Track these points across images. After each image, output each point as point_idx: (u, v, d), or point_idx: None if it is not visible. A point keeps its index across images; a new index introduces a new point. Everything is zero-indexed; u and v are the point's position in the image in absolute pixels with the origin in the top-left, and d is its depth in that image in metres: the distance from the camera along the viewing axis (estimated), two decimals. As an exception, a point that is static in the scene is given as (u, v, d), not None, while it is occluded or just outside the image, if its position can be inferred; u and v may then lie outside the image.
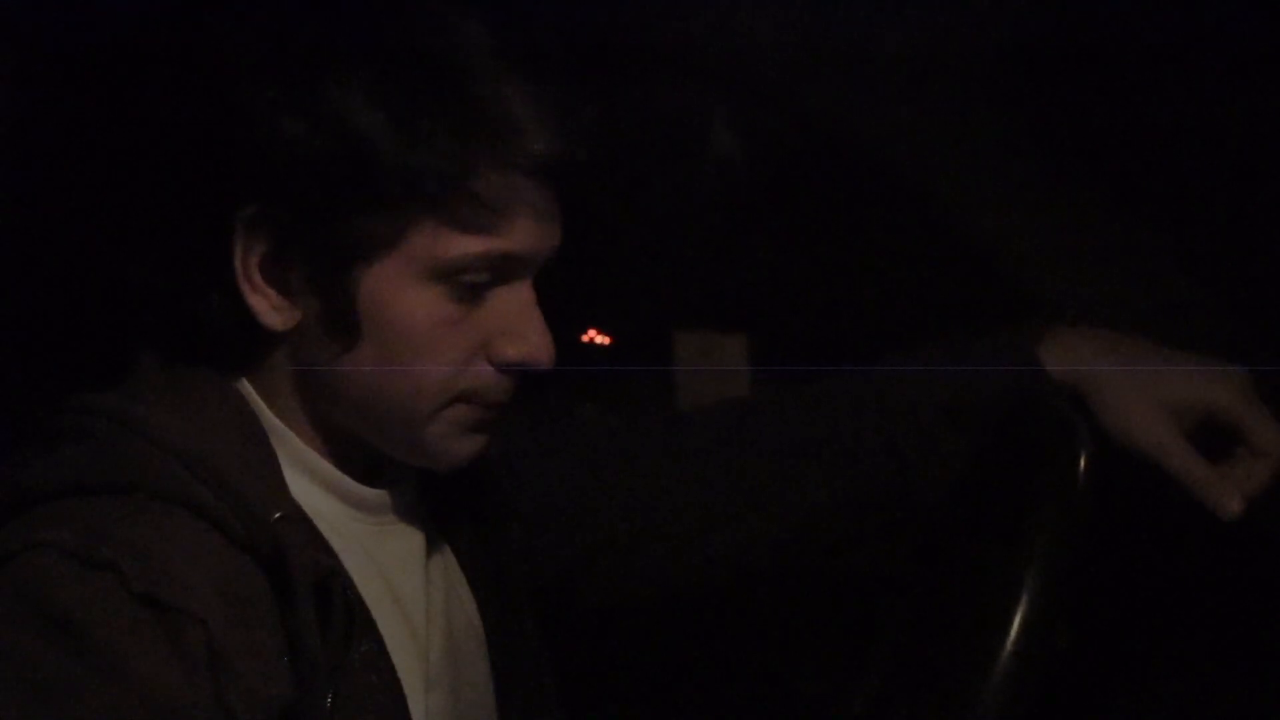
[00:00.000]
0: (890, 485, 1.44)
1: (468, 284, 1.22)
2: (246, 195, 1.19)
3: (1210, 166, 1.78)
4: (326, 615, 1.18)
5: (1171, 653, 1.65)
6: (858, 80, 1.78)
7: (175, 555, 1.15)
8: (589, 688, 1.53)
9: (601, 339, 2.11)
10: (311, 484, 1.26)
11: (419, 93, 1.18)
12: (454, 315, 1.23)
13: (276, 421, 1.26)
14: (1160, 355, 1.37)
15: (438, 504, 1.36)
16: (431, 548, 1.34)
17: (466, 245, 1.20)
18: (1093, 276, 1.86)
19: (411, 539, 1.32)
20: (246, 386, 1.26)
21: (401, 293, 1.21)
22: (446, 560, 1.36)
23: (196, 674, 1.12)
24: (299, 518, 1.22)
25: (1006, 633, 1.36)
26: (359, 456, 1.28)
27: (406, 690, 1.26)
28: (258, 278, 1.21)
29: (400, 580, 1.29)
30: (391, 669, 1.25)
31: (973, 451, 1.42)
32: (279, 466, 1.24)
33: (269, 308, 1.22)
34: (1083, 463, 1.36)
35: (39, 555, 1.12)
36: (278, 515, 1.19)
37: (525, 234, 1.22)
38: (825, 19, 1.79)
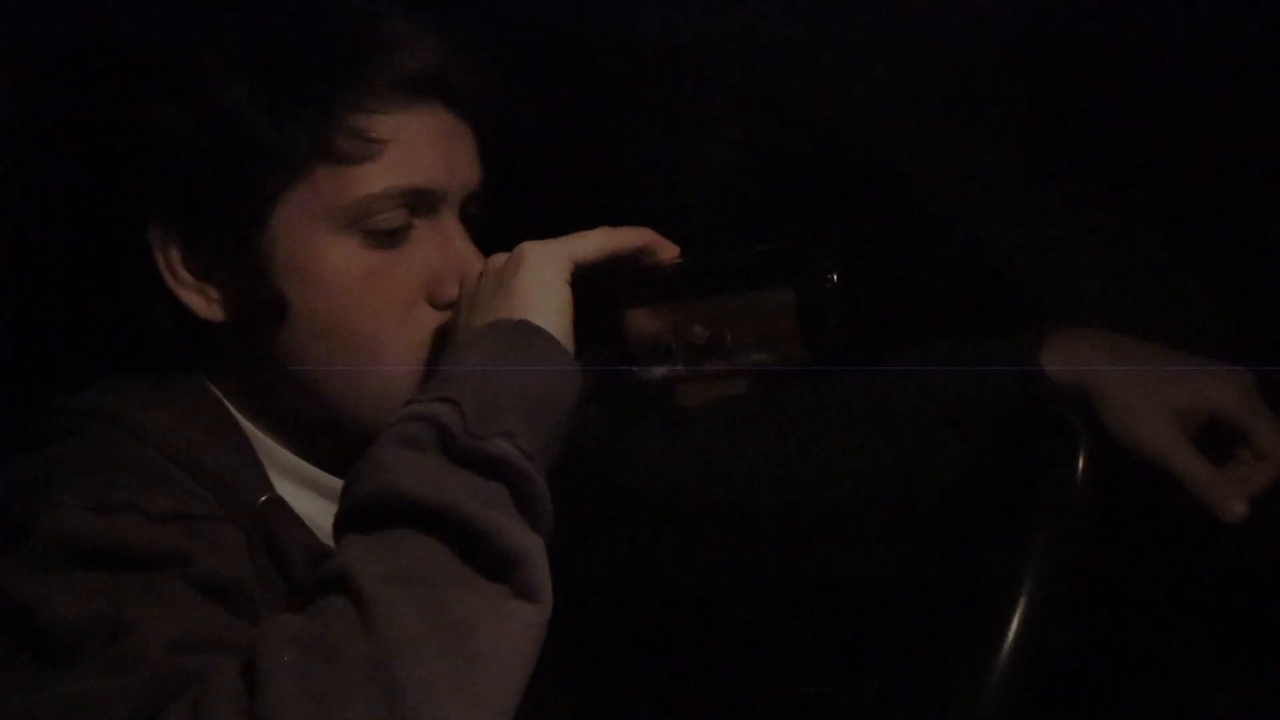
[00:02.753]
0: (891, 483, 1.44)
1: (384, 229, 1.21)
2: (147, 195, 1.20)
3: (1211, 166, 1.78)
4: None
5: (1171, 653, 1.65)
6: (855, 79, 1.78)
7: (180, 501, 1.15)
8: (588, 684, 1.53)
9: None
10: (289, 482, 1.26)
11: (277, 45, 1.18)
12: (379, 264, 1.21)
13: (245, 422, 1.25)
14: (1164, 357, 1.37)
15: None
16: None
17: (362, 184, 1.19)
18: (1094, 277, 1.86)
19: None
20: (214, 390, 1.26)
21: (317, 251, 1.20)
22: None
23: (243, 562, 1.13)
24: (285, 503, 1.22)
25: (1005, 633, 1.36)
26: (335, 449, 1.27)
27: None
28: (183, 273, 1.21)
29: None
30: None
31: (974, 453, 1.42)
32: (259, 459, 1.24)
33: (201, 301, 1.22)
34: (1081, 464, 1.37)
35: (58, 511, 1.11)
36: (264, 498, 1.19)
37: (426, 164, 1.21)
38: (822, 17, 1.79)
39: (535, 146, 1.28)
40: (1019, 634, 1.36)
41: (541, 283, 1.16)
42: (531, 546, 1.06)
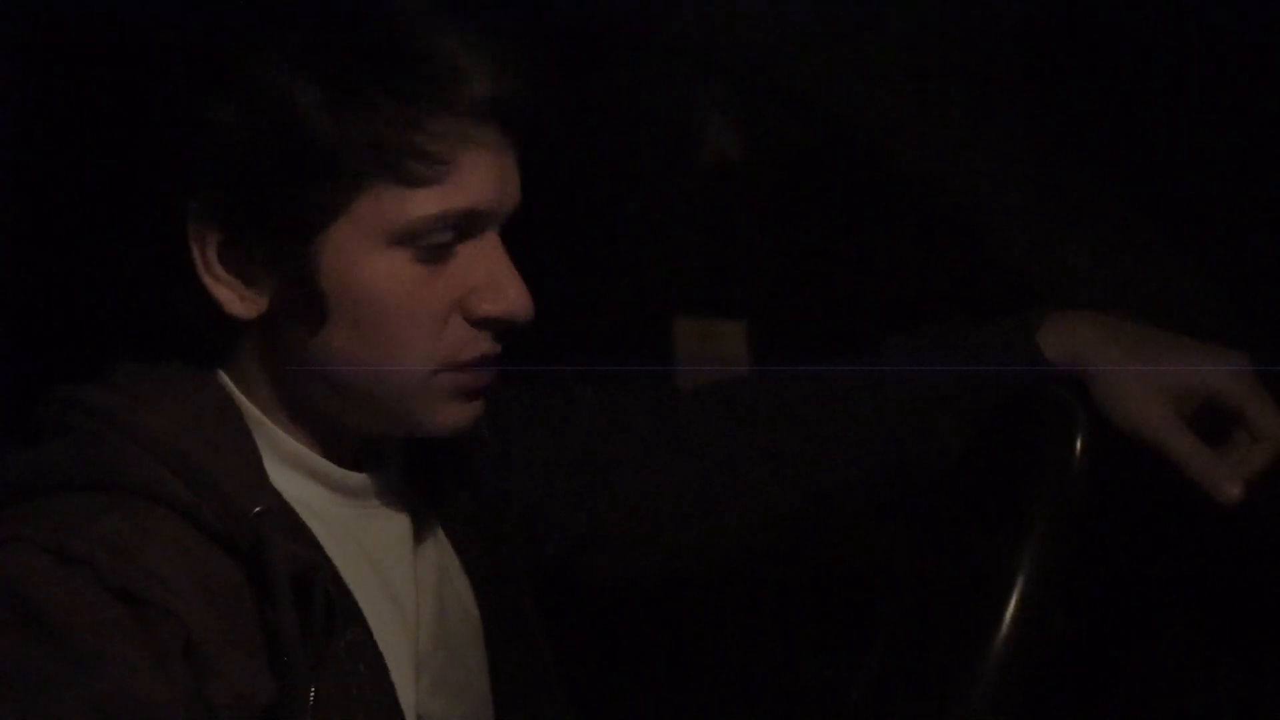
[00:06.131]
0: (888, 468, 1.44)
1: (432, 245, 1.21)
2: (192, 187, 1.18)
3: (1213, 161, 1.78)
4: (307, 609, 1.17)
5: (1169, 637, 1.65)
6: (858, 69, 1.78)
7: (151, 550, 1.15)
8: (587, 671, 1.53)
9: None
10: (294, 472, 1.25)
11: (349, 56, 1.17)
12: (422, 278, 1.21)
13: (256, 412, 1.25)
14: (1161, 340, 1.36)
15: (431, 487, 1.35)
16: (422, 531, 1.33)
17: (422, 205, 1.19)
18: (1095, 269, 1.86)
19: (399, 522, 1.31)
20: (224, 379, 1.25)
21: (364, 262, 1.20)
22: (439, 543, 1.35)
23: (171, 668, 1.12)
24: (279, 510, 1.21)
25: (1002, 616, 1.36)
26: (342, 441, 1.27)
27: (396, 675, 1.25)
28: (218, 268, 1.20)
29: (388, 564, 1.29)
30: (379, 657, 1.24)
31: (971, 435, 1.42)
32: (259, 458, 1.23)
33: (234, 297, 1.21)
34: (1079, 446, 1.37)
35: (14, 550, 1.12)
36: (256, 509, 1.18)
37: (482, 187, 1.21)
38: (825, 7, 1.80)
39: (559, 152, 1.29)
40: (1016, 618, 1.36)
41: None
42: None
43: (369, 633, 1.24)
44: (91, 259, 1.25)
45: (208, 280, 1.20)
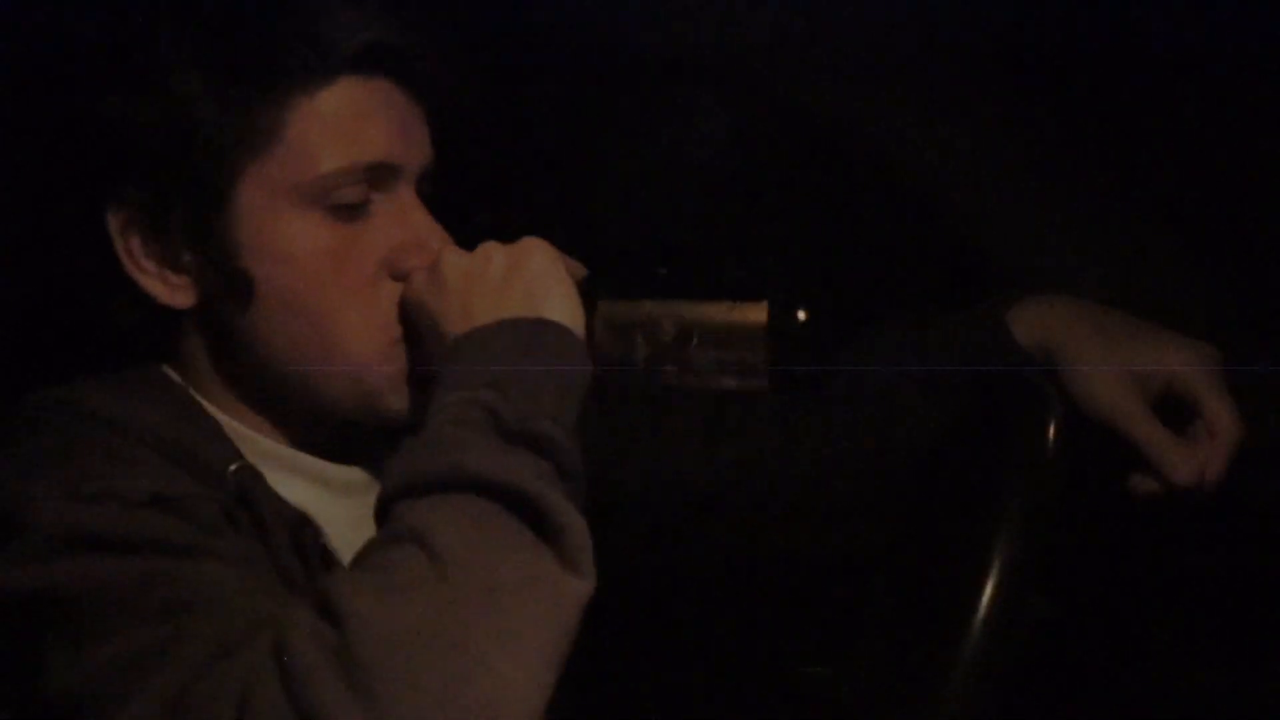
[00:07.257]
0: (863, 455, 1.45)
1: (344, 204, 1.22)
2: (105, 184, 1.20)
3: (1211, 161, 1.78)
4: (304, 560, 1.19)
5: (1150, 621, 1.66)
6: (848, 65, 1.79)
7: (149, 478, 1.15)
8: (580, 662, 1.55)
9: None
10: (267, 467, 1.24)
11: (226, 36, 1.19)
12: (340, 238, 1.22)
13: (215, 411, 1.25)
14: (1130, 325, 1.37)
15: None
16: None
17: (323, 162, 1.20)
18: (1088, 264, 1.86)
19: None
20: (184, 383, 1.26)
21: (277, 226, 1.21)
22: None
23: (224, 535, 1.14)
24: (256, 470, 1.22)
25: (979, 601, 1.37)
26: (309, 432, 1.28)
27: None
28: (145, 262, 1.21)
29: None
30: None
31: (945, 420, 1.43)
32: (227, 435, 1.24)
33: (166, 288, 1.22)
34: (1052, 429, 1.38)
35: (37, 506, 1.12)
36: (234, 467, 1.19)
37: (384, 139, 1.22)
38: (820, 7, 1.80)
39: (495, 131, 1.30)
40: (992, 602, 1.37)
41: (558, 279, 1.19)
42: (576, 521, 1.09)
43: None
44: (24, 267, 1.26)
45: (135, 274, 1.21)
